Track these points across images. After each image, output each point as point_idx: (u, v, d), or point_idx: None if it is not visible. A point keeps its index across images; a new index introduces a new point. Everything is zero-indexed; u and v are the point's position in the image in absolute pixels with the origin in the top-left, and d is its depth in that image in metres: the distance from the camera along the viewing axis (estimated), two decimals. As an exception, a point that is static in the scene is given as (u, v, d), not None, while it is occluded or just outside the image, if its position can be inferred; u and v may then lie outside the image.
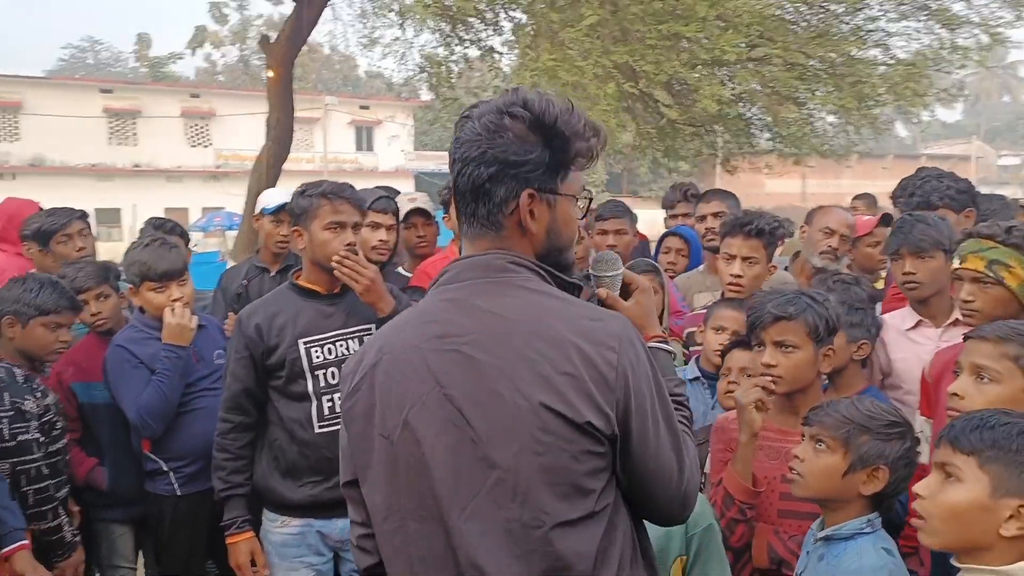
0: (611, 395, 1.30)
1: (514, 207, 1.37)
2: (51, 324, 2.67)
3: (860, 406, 1.76)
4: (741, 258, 2.81)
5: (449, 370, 1.33)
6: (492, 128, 1.35)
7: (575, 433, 1.29)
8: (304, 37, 10.66)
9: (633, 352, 1.33)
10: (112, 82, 36.20)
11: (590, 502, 1.31)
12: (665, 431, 1.36)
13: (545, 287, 1.39)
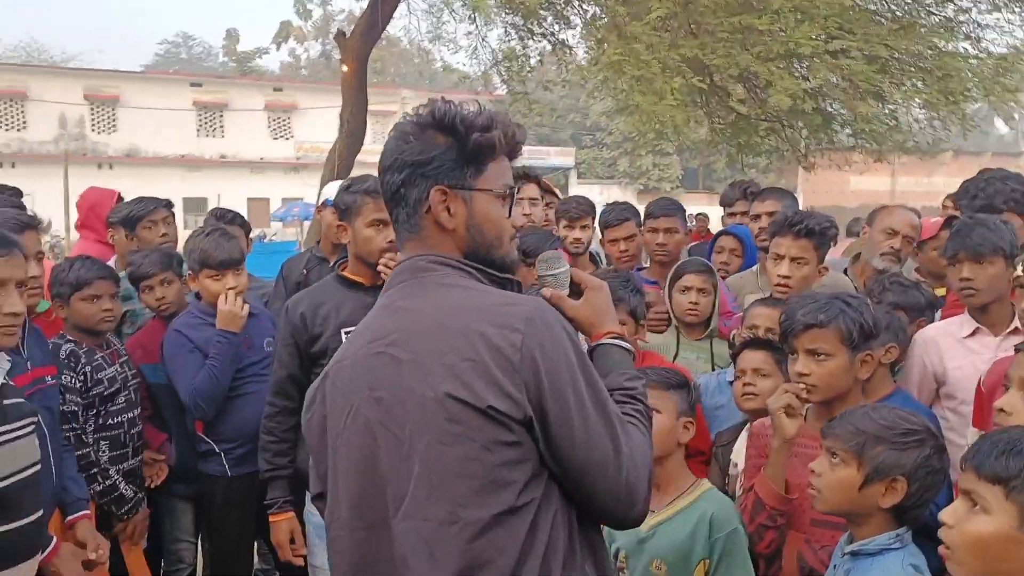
0: (517, 376, 1.27)
1: (428, 206, 1.40)
2: (89, 296, 2.79)
3: (874, 415, 1.68)
4: (790, 258, 2.73)
5: (377, 373, 1.35)
6: (400, 136, 1.42)
7: (481, 420, 1.27)
8: (378, 33, 10.86)
9: (546, 333, 1.30)
10: (202, 76, 37.71)
11: (509, 496, 1.28)
12: (596, 417, 1.31)
13: (464, 282, 1.39)
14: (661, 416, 2.00)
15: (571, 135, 44.17)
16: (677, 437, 2.06)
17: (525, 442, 1.29)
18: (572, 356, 1.32)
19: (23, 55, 48.85)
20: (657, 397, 1.99)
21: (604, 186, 41.83)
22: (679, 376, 2.11)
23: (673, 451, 2.06)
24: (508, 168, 1.49)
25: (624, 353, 1.53)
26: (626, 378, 1.48)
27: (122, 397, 2.87)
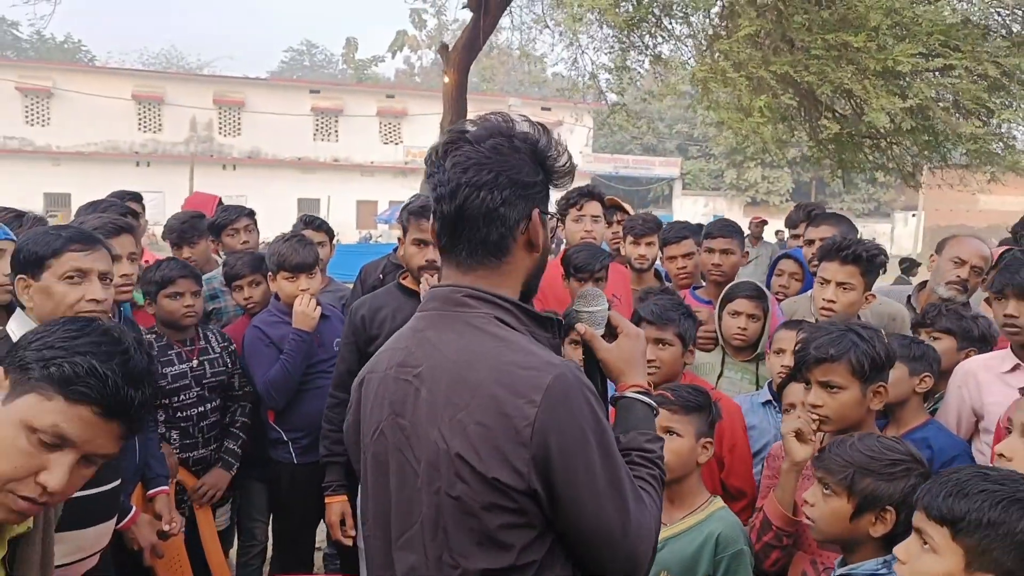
0: (525, 451, 1.25)
1: (524, 227, 1.37)
2: (172, 294, 3.08)
3: (862, 446, 1.72)
4: (836, 283, 2.74)
5: (402, 399, 1.37)
6: (503, 151, 1.34)
7: (483, 486, 1.27)
8: (480, 45, 11.18)
9: (562, 407, 1.26)
10: (320, 83, 39.57)
11: (510, 556, 1.28)
12: (608, 491, 1.28)
13: (493, 327, 1.34)
14: (682, 440, 2.09)
15: (677, 145, 43.54)
16: (696, 458, 2.12)
17: (529, 510, 1.29)
18: (588, 430, 1.28)
19: (163, 62, 52.69)
20: (677, 421, 2.09)
21: (709, 198, 41.03)
22: (700, 396, 2.16)
23: (692, 471, 2.13)
24: None
25: (647, 410, 1.48)
26: (646, 439, 1.44)
27: (193, 392, 3.13)
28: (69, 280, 1.99)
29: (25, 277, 1.99)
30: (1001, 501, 1.25)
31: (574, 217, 3.77)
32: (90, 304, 2.00)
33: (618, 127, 12.56)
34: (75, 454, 1.25)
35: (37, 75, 32.62)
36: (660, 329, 2.52)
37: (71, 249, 1.98)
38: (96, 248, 2.04)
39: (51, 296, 1.98)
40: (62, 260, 1.97)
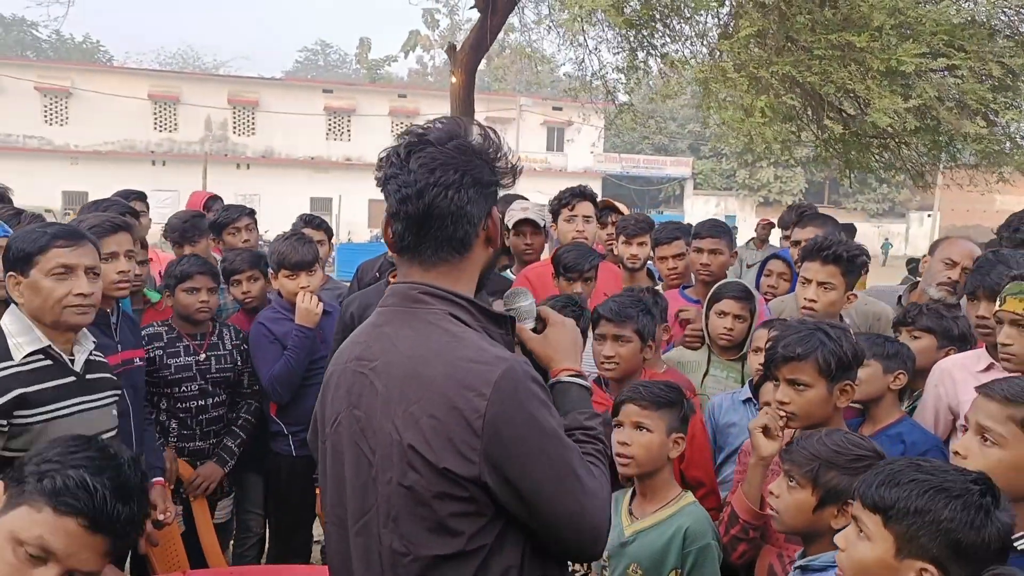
0: (476, 441, 1.30)
1: (485, 223, 1.44)
2: (189, 288, 3.20)
3: (829, 441, 1.76)
4: (817, 283, 2.78)
5: (359, 392, 1.42)
6: (466, 152, 1.40)
7: (435, 476, 1.32)
8: (487, 45, 11.24)
9: (511, 398, 1.31)
10: (332, 83, 39.80)
11: (459, 542, 1.34)
12: (563, 474, 1.34)
13: (447, 323, 1.40)
14: (651, 435, 2.14)
15: (689, 145, 43.44)
16: (667, 452, 2.17)
17: (479, 498, 1.34)
18: (539, 416, 1.34)
19: (180, 62, 53.13)
20: (647, 416, 2.15)
21: (721, 198, 40.93)
22: (671, 392, 2.21)
23: (663, 465, 2.18)
24: None
25: (582, 391, 1.55)
26: (586, 417, 1.50)
27: (195, 385, 3.23)
28: (56, 276, 2.06)
29: (15, 274, 2.06)
30: (928, 490, 1.29)
31: (566, 217, 3.82)
32: (77, 299, 2.08)
33: (627, 127, 12.58)
34: (58, 569, 1.28)
35: (56, 75, 33.02)
36: (618, 326, 2.58)
37: (56, 245, 2.05)
38: (81, 243, 2.11)
39: (39, 292, 2.06)
40: (48, 256, 2.05)
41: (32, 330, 2.09)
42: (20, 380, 2.03)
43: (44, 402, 2.05)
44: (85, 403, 2.19)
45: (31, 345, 2.08)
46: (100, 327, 2.70)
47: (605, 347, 2.58)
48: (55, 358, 2.13)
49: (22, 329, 2.08)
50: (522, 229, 3.88)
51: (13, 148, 31.78)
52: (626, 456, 2.15)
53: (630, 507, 2.22)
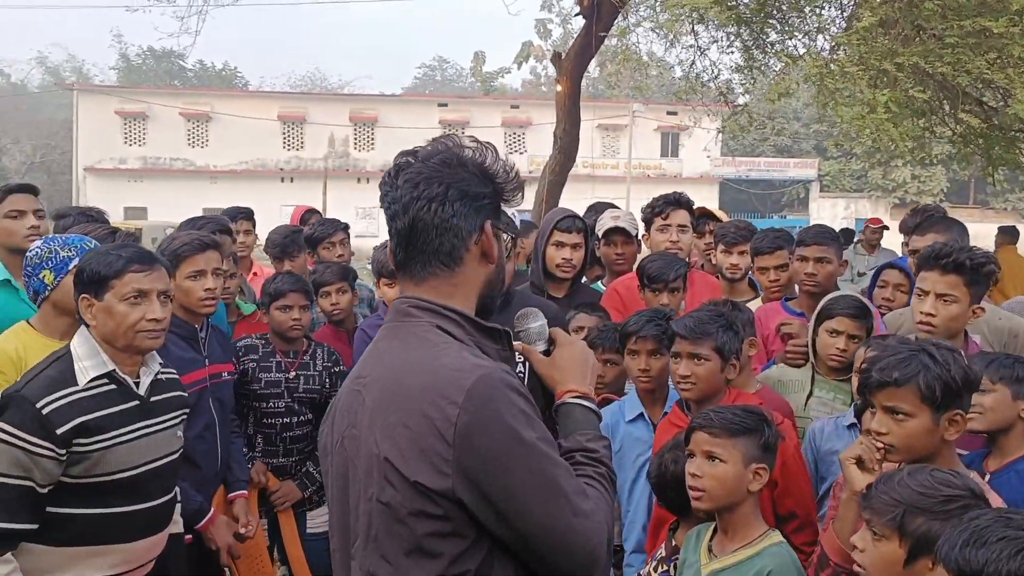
0: (448, 451, 1.24)
1: (477, 238, 1.40)
2: (282, 306, 3.22)
3: (912, 481, 1.51)
4: (936, 295, 2.48)
5: (354, 410, 1.38)
6: (452, 165, 1.38)
7: (409, 490, 1.26)
8: (593, 52, 11.12)
9: (485, 407, 1.25)
10: (447, 97, 40.72)
11: (438, 565, 1.27)
12: (547, 490, 1.26)
13: (433, 335, 1.36)
14: (725, 465, 1.94)
15: (815, 145, 41.42)
16: (746, 485, 1.96)
17: (455, 516, 1.27)
18: (518, 427, 1.26)
19: (308, 83, 55.94)
20: (718, 445, 1.96)
21: (851, 200, 38.77)
22: (748, 418, 1.99)
23: (743, 499, 1.97)
24: None
25: (587, 412, 1.48)
26: (587, 439, 1.43)
27: (282, 403, 3.25)
28: (130, 301, 2.09)
29: (88, 297, 2.10)
30: (1022, 551, 1.08)
31: (659, 227, 3.63)
32: (150, 323, 2.11)
33: (740, 129, 12.09)
34: None
35: (197, 101, 35.54)
36: (694, 343, 2.37)
37: (132, 270, 2.09)
38: (155, 268, 2.14)
39: (113, 316, 2.09)
40: (124, 281, 2.08)
41: (98, 354, 2.11)
42: (82, 407, 2.03)
43: (105, 429, 2.06)
44: (148, 427, 2.18)
45: (96, 369, 2.09)
46: (188, 342, 2.79)
47: (681, 366, 2.39)
48: (120, 382, 2.15)
49: (89, 352, 2.11)
50: (613, 238, 3.73)
51: (161, 170, 34.43)
52: (697, 489, 1.96)
53: (710, 543, 2.03)
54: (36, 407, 1.97)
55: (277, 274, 3.44)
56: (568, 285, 3.47)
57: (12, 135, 42.12)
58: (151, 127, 34.73)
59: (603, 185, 32.46)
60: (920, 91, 6.25)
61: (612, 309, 3.39)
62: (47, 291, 2.41)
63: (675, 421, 2.49)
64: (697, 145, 30.33)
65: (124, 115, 34.49)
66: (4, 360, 2.34)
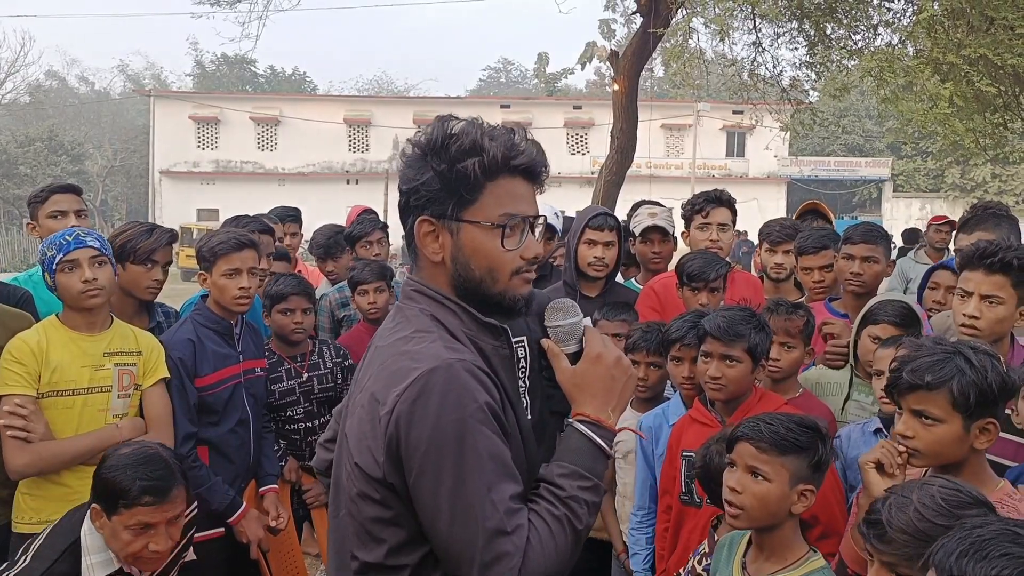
0: (382, 438, 1.23)
1: (413, 238, 1.37)
2: (284, 309, 3.20)
3: (926, 510, 1.36)
4: (980, 296, 2.34)
5: (353, 387, 1.45)
6: (403, 163, 1.38)
7: (355, 471, 1.27)
8: (650, 50, 10.96)
9: (421, 400, 1.20)
10: (509, 98, 40.89)
11: (379, 551, 1.27)
12: (469, 497, 1.19)
13: (421, 320, 1.34)
14: (769, 485, 1.79)
15: (889, 144, 39.97)
16: (789, 507, 1.81)
17: (394, 506, 1.25)
18: (447, 434, 1.20)
19: (375, 87, 56.98)
20: (766, 462, 1.79)
21: (926, 200, 37.29)
22: (803, 434, 1.82)
23: (783, 521, 1.83)
24: (521, 193, 1.35)
25: (584, 441, 1.33)
26: (562, 473, 1.30)
27: (301, 408, 3.25)
28: (134, 530, 2.05)
29: (99, 510, 2.08)
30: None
31: (699, 224, 3.54)
32: (152, 554, 2.07)
33: (804, 127, 11.75)
34: None
35: (267, 106, 36.62)
36: (726, 345, 2.28)
37: (143, 503, 2.05)
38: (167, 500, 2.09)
39: (118, 539, 2.06)
40: (131, 512, 2.05)
41: (106, 550, 2.09)
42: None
43: None
44: None
45: (103, 568, 2.08)
46: (223, 337, 2.85)
47: (711, 367, 2.32)
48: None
49: (98, 547, 2.09)
50: (650, 236, 3.66)
51: (232, 173, 35.58)
52: (735, 505, 1.82)
53: (744, 559, 1.92)
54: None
55: (279, 276, 3.37)
56: (601, 284, 3.42)
57: (95, 140, 44.23)
58: (223, 131, 35.92)
59: (662, 185, 32.04)
60: (989, 84, 5.96)
61: (648, 308, 3.33)
62: (54, 290, 2.51)
63: (697, 417, 2.42)
64: (756, 144, 29.69)
65: (198, 120, 35.77)
66: (26, 352, 2.42)
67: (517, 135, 1.36)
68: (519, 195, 1.35)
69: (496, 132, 1.33)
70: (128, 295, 2.85)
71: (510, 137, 1.34)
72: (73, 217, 3.12)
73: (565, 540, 1.24)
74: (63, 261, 2.45)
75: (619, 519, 3.00)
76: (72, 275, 2.45)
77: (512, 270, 1.37)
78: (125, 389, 2.56)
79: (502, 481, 1.23)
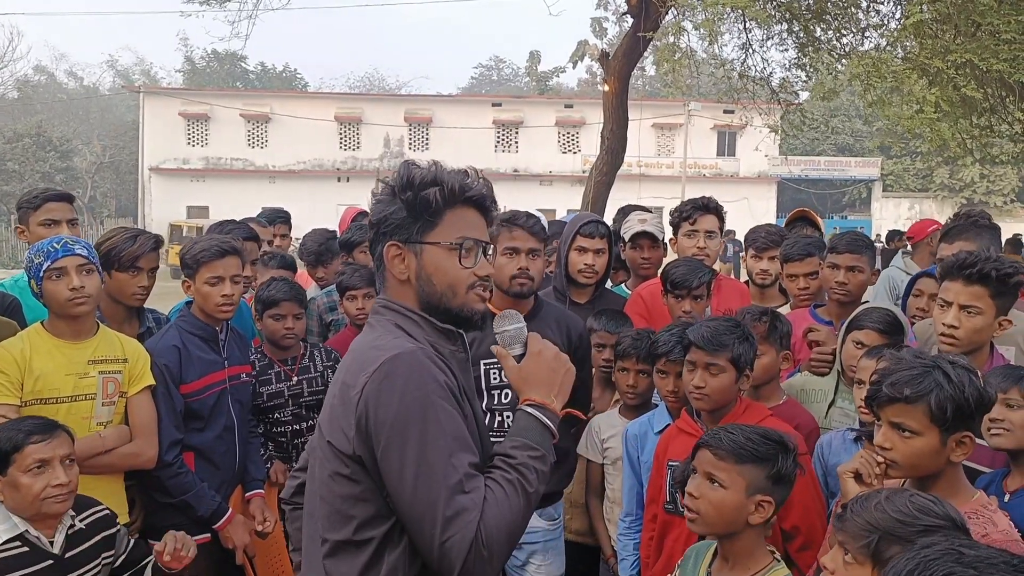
0: (352, 416, 1.42)
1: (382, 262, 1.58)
2: (275, 315, 3.21)
3: (890, 506, 1.42)
4: (959, 306, 2.37)
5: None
6: (374, 201, 1.61)
7: (328, 451, 1.46)
8: (641, 51, 10.98)
9: (387, 382, 1.40)
10: (501, 97, 40.80)
11: (348, 530, 1.43)
12: (429, 466, 1.37)
13: (387, 327, 1.54)
14: (724, 492, 1.83)
15: (878, 145, 40.17)
16: (744, 516, 1.84)
17: (362, 481, 1.43)
18: (412, 408, 1.39)
19: (366, 85, 56.81)
20: (722, 470, 1.84)
21: (915, 200, 37.51)
22: (762, 445, 1.86)
23: (741, 530, 1.86)
24: (474, 221, 1.59)
25: (531, 421, 1.53)
26: (513, 445, 1.50)
27: (288, 411, 3.25)
28: (33, 472, 2.13)
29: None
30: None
31: (686, 231, 3.56)
32: (56, 489, 2.13)
33: (793, 128, 11.81)
34: None
35: (257, 103, 36.42)
36: (710, 354, 2.30)
37: (32, 442, 2.16)
38: (55, 434, 2.21)
39: (18, 489, 2.13)
40: (24, 454, 2.14)
41: (9, 517, 2.13)
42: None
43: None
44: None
45: (7, 533, 2.12)
46: (208, 343, 2.85)
47: (695, 376, 2.34)
48: (31, 544, 2.15)
49: (1, 516, 2.14)
50: (639, 242, 3.68)
51: (222, 170, 35.38)
52: (692, 510, 1.88)
53: (709, 569, 1.95)
54: None
55: (271, 280, 3.37)
56: (591, 291, 3.44)
57: (84, 136, 43.92)
58: (213, 128, 35.70)
59: (653, 185, 32.10)
60: (974, 89, 6.01)
61: (636, 315, 3.35)
62: (40, 297, 2.50)
63: (683, 427, 2.45)
64: (746, 144, 29.76)
65: (187, 116, 35.56)
66: (8, 361, 2.41)
67: (470, 175, 1.60)
68: (472, 223, 1.59)
69: (453, 170, 1.58)
70: (116, 302, 2.84)
71: (464, 175, 1.59)
72: (65, 227, 3.09)
73: (518, 501, 1.43)
74: (51, 269, 2.45)
75: (608, 524, 3.02)
76: (59, 283, 2.44)
77: (468, 285, 1.59)
78: (110, 397, 2.57)
79: (461, 450, 1.41)
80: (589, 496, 3.12)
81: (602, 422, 3.07)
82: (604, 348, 3.13)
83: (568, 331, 2.87)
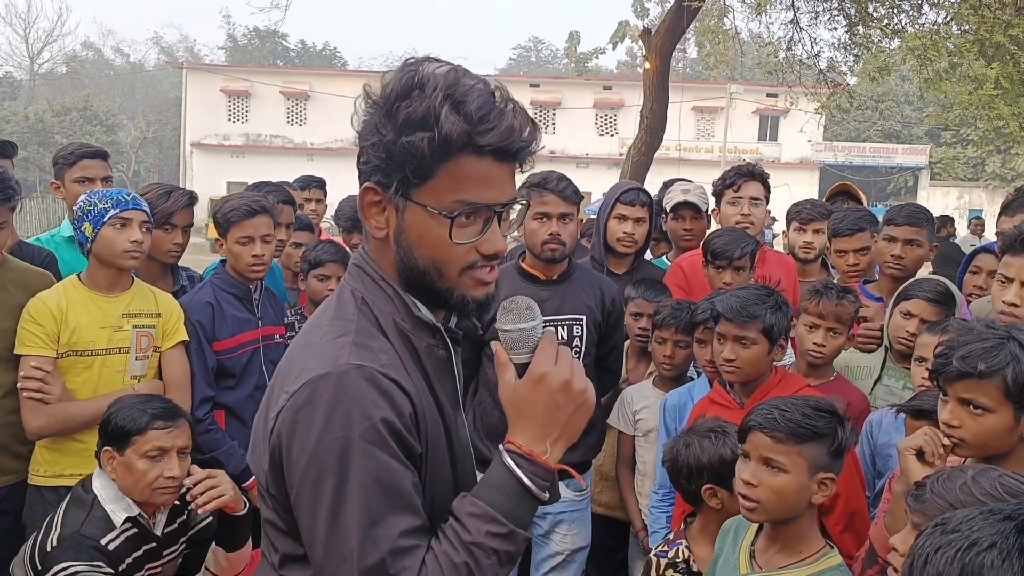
0: (268, 442, 1.11)
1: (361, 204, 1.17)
2: (320, 275, 3.22)
3: (976, 487, 1.28)
4: (1021, 282, 2.24)
5: None
6: (368, 97, 1.16)
7: (256, 467, 1.19)
8: (683, 29, 10.75)
9: (306, 409, 1.06)
10: (539, 77, 40.50)
11: (275, 559, 1.18)
12: (330, 541, 1.05)
13: (346, 306, 1.17)
14: (786, 476, 1.69)
15: (927, 131, 39.06)
16: (808, 498, 1.71)
17: (284, 517, 1.13)
18: (329, 453, 1.05)
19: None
20: (782, 453, 1.70)
21: (964, 189, 36.46)
22: (819, 420, 1.70)
23: (801, 512, 1.73)
24: (486, 176, 1.11)
25: (508, 477, 1.11)
26: (469, 512, 1.10)
27: None
28: (149, 458, 2.11)
29: (110, 450, 2.13)
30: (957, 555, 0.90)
31: (730, 199, 3.44)
32: (167, 481, 2.12)
33: (840, 111, 11.45)
34: None
35: (297, 80, 36.64)
36: (740, 326, 2.21)
37: (154, 427, 2.13)
38: (176, 424, 2.18)
39: (132, 472, 2.11)
40: (146, 439, 2.11)
41: (123, 498, 2.13)
42: (121, 550, 2.08)
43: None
44: (155, 566, 2.21)
45: (125, 512, 2.12)
46: (242, 302, 2.83)
47: (726, 349, 2.25)
48: (141, 526, 2.16)
49: (114, 496, 2.13)
50: (681, 213, 3.58)
51: (261, 146, 35.73)
52: (750, 499, 1.72)
53: (752, 547, 1.82)
54: (102, 544, 2.03)
55: (319, 243, 3.38)
56: (630, 261, 3.35)
57: (129, 111, 44.68)
58: (253, 105, 36.04)
59: (691, 169, 31.57)
60: (1036, 66, 5.75)
61: (674, 286, 3.26)
62: (89, 243, 2.47)
63: (717, 399, 2.36)
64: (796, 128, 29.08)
65: (229, 93, 35.92)
66: (44, 313, 2.41)
67: (495, 104, 1.10)
68: (484, 178, 1.11)
69: (468, 97, 1.07)
70: (151, 258, 2.84)
71: (480, 107, 1.08)
72: (100, 184, 3.10)
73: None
74: (118, 216, 2.45)
75: (639, 496, 2.96)
76: (123, 232, 2.46)
77: (462, 266, 1.14)
78: (144, 351, 2.56)
79: (393, 513, 1.05)
80: (620, 468, 3.06)
81: (634, 393, 3.00)
82: (641, 317, 3.05)
83: (601, 294, 2.81)
